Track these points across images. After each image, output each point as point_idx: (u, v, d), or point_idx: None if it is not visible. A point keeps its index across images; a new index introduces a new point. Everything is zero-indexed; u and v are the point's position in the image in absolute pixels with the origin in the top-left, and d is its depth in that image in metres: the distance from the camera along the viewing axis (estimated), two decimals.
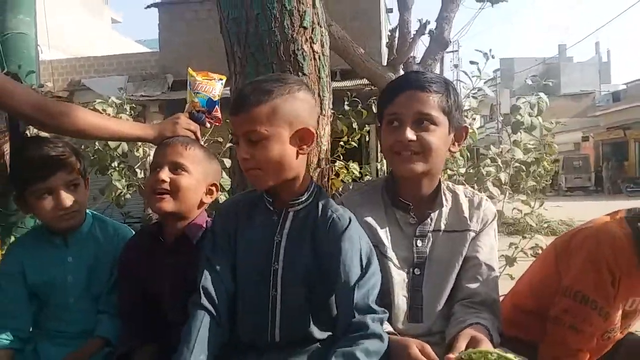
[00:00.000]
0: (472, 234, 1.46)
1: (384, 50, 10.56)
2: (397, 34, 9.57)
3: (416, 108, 1.38)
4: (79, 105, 1.60)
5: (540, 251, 2.57)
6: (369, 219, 1.45)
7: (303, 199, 1.36)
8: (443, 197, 1.48)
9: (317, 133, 1.80)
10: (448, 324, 1.38)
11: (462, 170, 2.56)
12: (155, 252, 1.53)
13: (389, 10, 12.52)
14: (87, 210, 1.68)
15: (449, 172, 2.48)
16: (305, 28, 1.85)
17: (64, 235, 1.60)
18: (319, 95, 1.91)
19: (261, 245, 1.34)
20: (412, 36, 9.56)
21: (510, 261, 2.73)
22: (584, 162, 26.43)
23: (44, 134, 1.67)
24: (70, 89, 11.90)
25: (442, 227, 1.46)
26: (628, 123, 26.12)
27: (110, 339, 1.54)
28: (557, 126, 3.03)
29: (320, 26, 1.91)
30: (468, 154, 2.87)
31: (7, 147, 1.58)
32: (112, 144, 2.46)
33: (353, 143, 2.87)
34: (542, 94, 2.91)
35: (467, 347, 1.20)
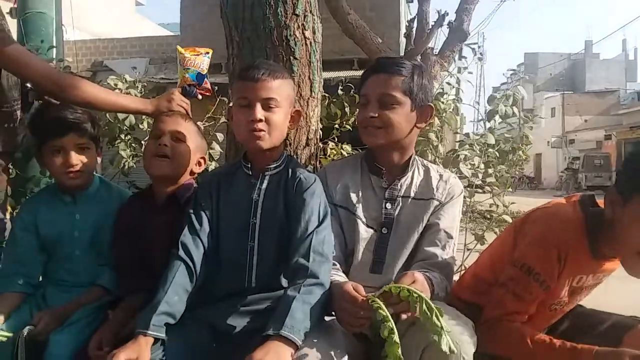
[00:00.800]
0: (436, 203, 1.64)
1: (402, 41, 10.58)
2: (415, 25, 9.61)
3: (379, 89, 1.59)
4: (87, 80, 1.77)
5: None
6: (346, 181, 1.67)
7: (277, 164, 1.59)
8: (415, 168, 1.69)
9: (306, 114, 1.98)
10: None
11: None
12: (147, 211, 1.72)
13: (409, 1, 12.48)
14: (96, 175, 1.87)
15: (430, 156, 2.60)
16: (297, 15, 2.00)
17: (73, 194, 1.79)
18: (309, 78, 2.07)
19: (241, 203, 1.55)
20: (430, 27, 9.59)
21: (479, 238, 2.87)
22: (604, 161, 25.99)
23: None
24: (93, 70, 12.19)
25: (412, 194, 1.66)
26: None
27: (109, 288, 1.72)
28: (581, 124, 3.12)
29: (312, 14, 2.05)
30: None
31: (18, 114, 1.75)
32: (120, 116, 2.62)
33: (347, 126, 3.01)
34: (520, 87, 3.01)
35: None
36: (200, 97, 1.94)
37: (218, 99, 2.73)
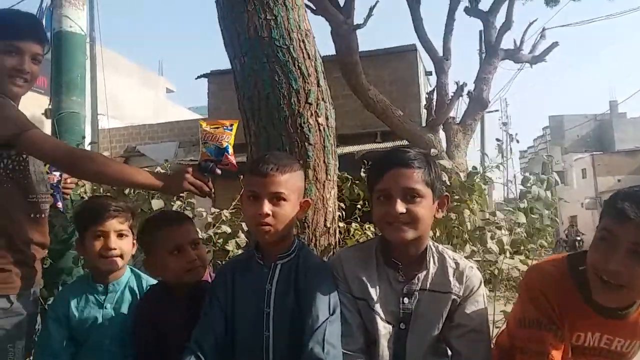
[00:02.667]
0: (454, 297, 1.60)
1: (423, 112, 10.79)
2: (435, 96, 9.83)
3: (403, 184, 1.56)
4: (102, 154, 1.89)
5: None
6: (361, 275, 1.63)
7: (289, 252, 1.64)
8: (430, 259, 1.65)
9: (323, 196, 2.02)
10: None
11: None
12: (169, 303, 1.77)
13: (428, 73, 12.82)
14: (127, 265, 1.95)
15: (455, 231, 2.59)
16: (310, 104, 2.10)
17: (104, 283, 1.87)
18: (324, 162, 2.13)
19: (255, 293, 1.60)
20: (449, 98, 9.80)
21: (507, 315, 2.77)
22: None
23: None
24: (126, 155, 12.70)
25: (428, 286, 1.61)
26: None
27: None
28: (614, 183, 3.09)
29: (325, 101, 2.15)
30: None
31: (47, 207, 1.85)
32: (154, 205, 2.69)
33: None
34: (555, 174, 3.04)
35: None
36: (219, 172, 1.77)
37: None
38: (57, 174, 2.02)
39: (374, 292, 1.60)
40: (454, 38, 10.04)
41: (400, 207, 1.54)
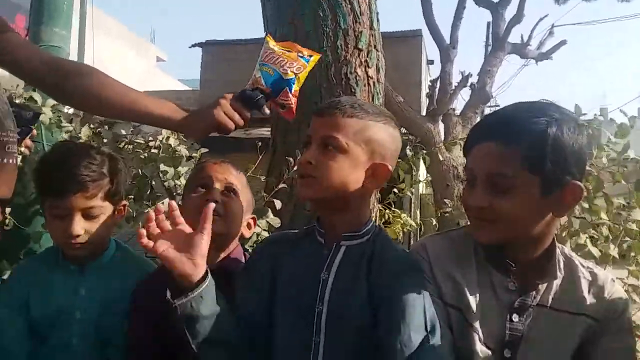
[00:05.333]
0: (589, 322, 1.14)
1: (424, 100, 10.50)
2: (438, 85, 9.53)
3: (489, 167, 1.09)
4: (100, 71, 1.32)
5: None
6: (457, 275, 1.16)
7: (360, 233, 1.16)
8: (557, 266, 1.16)
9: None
10: None
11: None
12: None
13: (430, 62, 12.59)
14: (112, 239, 1.50)
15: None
16: (360, 50, 1.68)
17: (80, 262, 1.40)
18: None
19: (304, 282, 1.14)
20: (453, 88, 9.52)
21: None
22: None
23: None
24: (110, 121, 12.13)
25: (549, 302, 1.15)
26: None
27: None
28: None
29: (377, 50, 1.73)
30: None
31: (15, 149, 1.36)
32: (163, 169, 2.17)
33: (408, 193, 2.54)
34: None
35: None
36: (267, 111, 1.30)
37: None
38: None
39: (473, 301, 1.13)
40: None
41: (481, 200, 1.09)
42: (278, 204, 1.65)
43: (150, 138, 2.27)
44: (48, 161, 1.39)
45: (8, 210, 1.96)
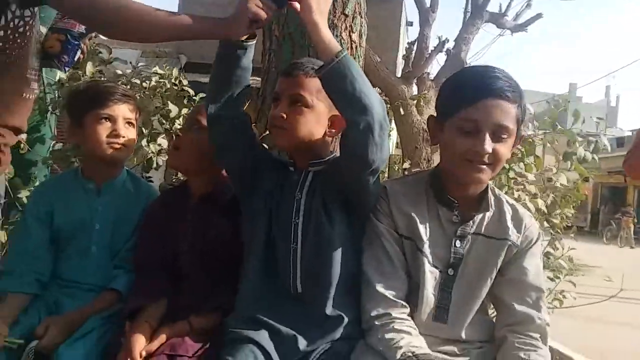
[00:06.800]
0: (509, 244, 1.41)
1: (399, 62, 10.60)
2: (414, 48, 9.63)
3: (497, 119, 1.32)
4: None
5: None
6: (410, 211, 1.41)
7: (322, 160, 1.44)
8: (490, 200, 1.43)
9: None
10: (484, 338, 1.41)
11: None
12: (181, 205, 1.56)
13: (409, 24, 12.56)
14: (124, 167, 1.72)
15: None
16: (346, 15, 1.87)
17: (97, 183, 1.63)
18: None
19: (285, 202, 1.42)
20: (429, 52, 9.63)
21: None
22: (581, 203, 26.42)
23: None
24: (110, 60, 11.81)
25: (482, 230, 1.42)
26: None
27: (123, 293, 1.53)
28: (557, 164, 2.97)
29: (361, 16, 1.93)
30: None
31: (35, 85, 1.51)
32: (172, 110, 2.27)
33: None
34: (605, 137, 2.90)
35: None
36: (297, 5, 1.31)
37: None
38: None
39: (423, 232, 1.39)
40: None
41: (489, 145, 1.31)
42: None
43: (145, 79, 2.42)
44: (91, 85, 1.70)
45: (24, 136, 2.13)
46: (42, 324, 1.40)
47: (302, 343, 1.29)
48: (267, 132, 1.92)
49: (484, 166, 1.33)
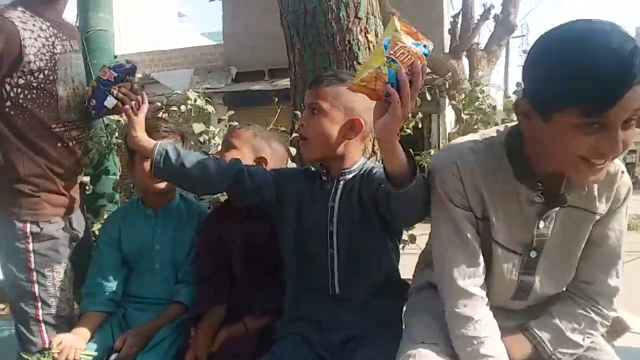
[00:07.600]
0: (597, 217, 1.26)
1: (446, 37, 10.37)
2: (459, 20, 9.40)
3: (632, 107, 1.01)
4: None
5: None
6: (483, 189, 1.24)
7: (351, 169, 1.53)
8: None
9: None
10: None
11: None
12: (230, 218, 1.72)
13: None
14: (177, 191, 1.90)
15: None
16: (360, 19, 1.95)
17: (155, 208, 1.83)
18: None
19: (319, 210, 1.53)
20: (475, 22, 9.37)
21: None
22: None
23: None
24: (141, 83, 12.46)
25: (568, 201, 1.23)
26: None
27: (187, 305, 1.71)
28: None
29: (375, 16, 2.01)
30: None
31: (73, 133, 1.78)
32: (195, 129, 2.47)
33: (408, 130, 2.89)
34: None
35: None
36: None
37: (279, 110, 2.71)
38: (115, 71, 1.75)
39: (493, 212, 1.24)
40: None
41: (620, 143, 1.03)
42: (293, 151, 2.03)
43: (182, 105, 2.65)
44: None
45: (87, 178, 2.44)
46: (119, 338, 1.60)
47: (340, 332, 1.43)
48: (293, 136, 2.09)
49: (607, 162, 1.09)
